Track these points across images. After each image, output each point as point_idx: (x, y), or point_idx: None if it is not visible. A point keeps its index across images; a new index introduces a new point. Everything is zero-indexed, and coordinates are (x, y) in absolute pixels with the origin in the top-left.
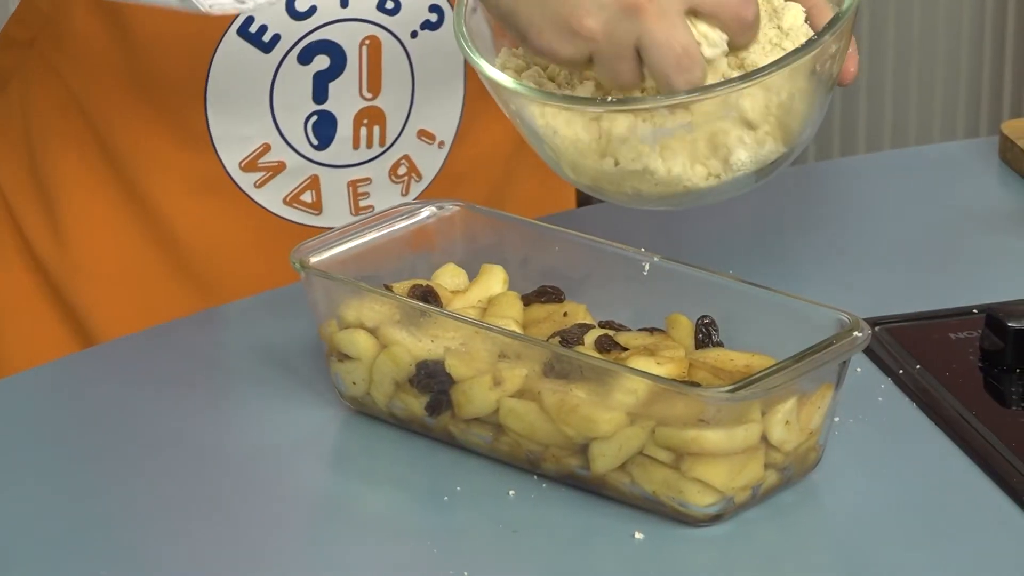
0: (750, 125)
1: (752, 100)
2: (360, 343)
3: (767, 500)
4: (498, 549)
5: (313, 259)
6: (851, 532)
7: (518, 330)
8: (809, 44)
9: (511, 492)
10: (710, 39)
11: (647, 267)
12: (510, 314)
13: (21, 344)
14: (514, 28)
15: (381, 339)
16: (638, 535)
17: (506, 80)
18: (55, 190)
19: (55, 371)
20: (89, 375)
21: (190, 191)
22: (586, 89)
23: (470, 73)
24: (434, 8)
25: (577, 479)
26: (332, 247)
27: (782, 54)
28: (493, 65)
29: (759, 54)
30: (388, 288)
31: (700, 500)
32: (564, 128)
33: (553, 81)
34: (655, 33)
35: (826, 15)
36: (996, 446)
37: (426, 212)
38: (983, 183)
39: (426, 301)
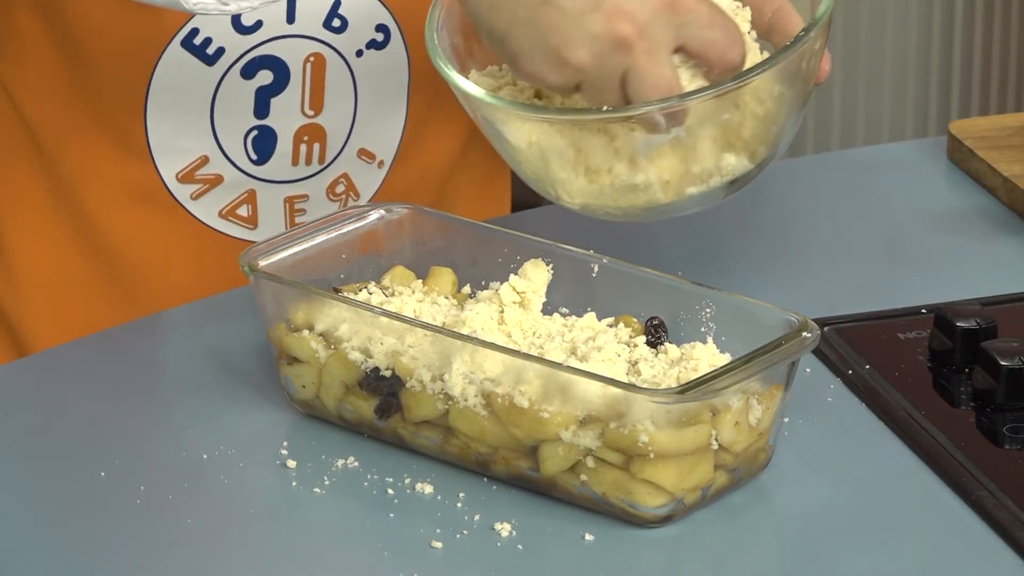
0: (736, 133)
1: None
2: (309, 346)
3: (717, 501)
4: (448, 552)
5: (262, 262)
6: (801, 532)
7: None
8: (795, 42)
9: (461, 494)
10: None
11: (596, 269)
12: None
13: None
14: (505, 52)
15: (330, 342)
16: (588, 537)
17: (483, 94)
18: None
19: None
20: (31, 384)
21: (127, 201)
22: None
23: (413, 94)
24: (380, 28)
25: (527, 481)
26: (281, 250)
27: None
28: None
29: None
30: (337, 291)
31: (650, 502)
32: (546, 142)
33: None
34: (643, 70)
35: (791, 17)
36: (945, 445)
37: (375, 215)
38: (932, 183)
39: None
